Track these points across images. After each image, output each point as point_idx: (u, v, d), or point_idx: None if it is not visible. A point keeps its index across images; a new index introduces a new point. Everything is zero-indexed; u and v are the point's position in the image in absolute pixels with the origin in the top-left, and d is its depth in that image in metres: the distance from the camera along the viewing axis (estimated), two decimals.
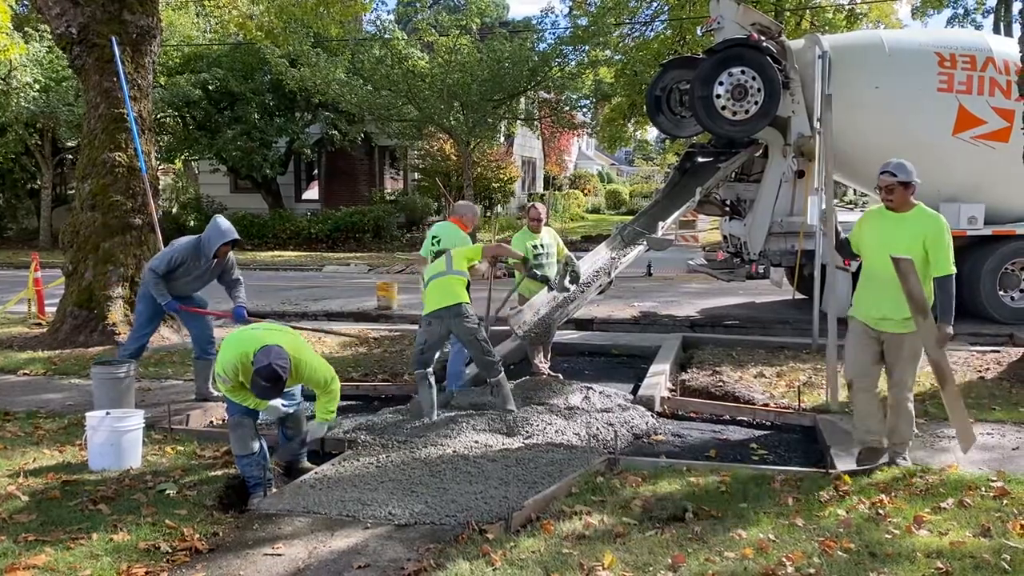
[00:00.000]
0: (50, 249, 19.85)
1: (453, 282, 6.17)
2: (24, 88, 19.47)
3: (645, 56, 21.44)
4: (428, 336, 6.19)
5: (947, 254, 4.82)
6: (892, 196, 4.93)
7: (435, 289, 6.18)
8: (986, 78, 9.37)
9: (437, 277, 6.23)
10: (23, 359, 8.36)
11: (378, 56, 20.25)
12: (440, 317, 6.11)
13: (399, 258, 20.11)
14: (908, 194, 4.92)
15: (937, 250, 4.81)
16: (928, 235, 4.82)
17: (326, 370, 4.99)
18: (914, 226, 4.87)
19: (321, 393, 5.00)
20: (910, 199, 4.94)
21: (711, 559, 3.71)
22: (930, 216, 4.91)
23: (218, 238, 6.47)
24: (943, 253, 4.81)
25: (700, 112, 9.34)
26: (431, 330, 6.17)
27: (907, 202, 4.94)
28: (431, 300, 6.17)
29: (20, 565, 3.68)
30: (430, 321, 6.17)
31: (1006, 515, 4.14)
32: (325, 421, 5.09)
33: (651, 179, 47.77)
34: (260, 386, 4.51)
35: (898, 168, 4.92)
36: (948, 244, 4.82)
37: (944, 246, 4.82)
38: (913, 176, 4.90)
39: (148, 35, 9.60)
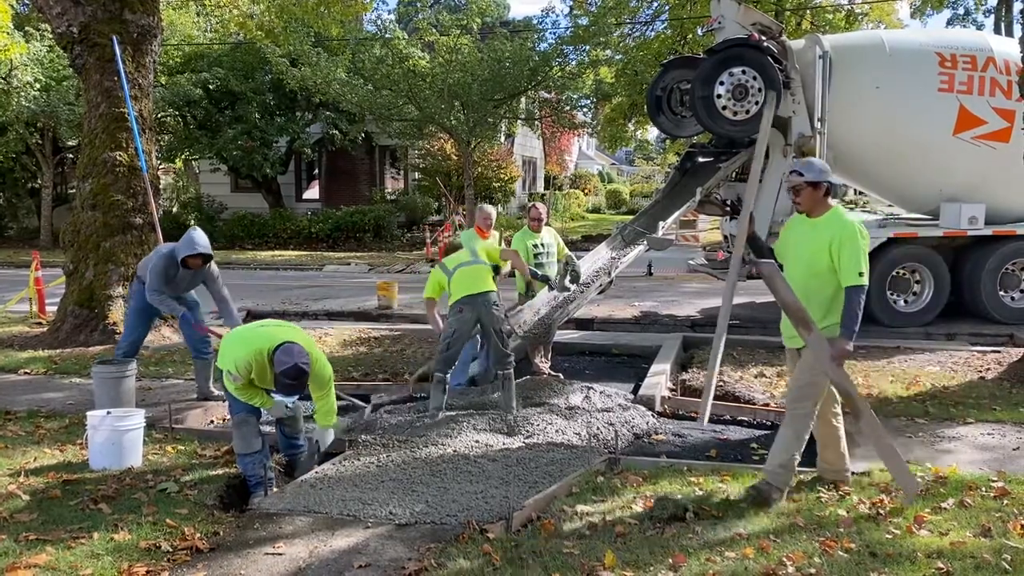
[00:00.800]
0: (51, 248, 19.85)
1: (483, 270, 6.24)
2: (25, 87, 19.47)
3: (646, 56, 21.44)
4: (458, 325, 6.18)
5: (855, 262, 4.36)
6: (799, 198, 4.54)
7: (464, 276, 6.22)
8: (987, 78, 9.37)
9: (464, 265, 6.28)
10: (24, 358, 8.36)
11: (379, 56, 20.24)
12: (471, 303, 6.14)
13: (399, 258, 20.11)
14: (819, 195, 4.50)
15: (842, 257, 4.36)
16: (834, 241, 4.39)
17: (329, 369, 5.02)
18: (823, 231, 4.45)
19: (321, 394, 4.98)
20: (824, 202, 4.53)
21: (712, 559, 3.71)
22: (840, 221, 4.47)
23: (184, 250, 6.34)
24: (850, 260, 4.35)
25: (701, 112, 9.33)
26: (461, 317, 6.17)
27: (818, 205, 4.53)
28: (461, 286, 6.18)
29: (21, 564, 3.68)
30: (460, 308, 6.18)
31: (1007, 515, 4.14)
32: (330, 427, 5.08)
33: (651, 179, 47.76)
34: (285, 384, 4.56)
35: (805, 167, 4.53)
36: (857, 251, 4.37)
37: (851, 253, 4.36)
38: (824, 176, 4.49)
39: (149, 34, 9.60)
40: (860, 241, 4.39)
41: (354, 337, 9.45)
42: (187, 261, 6.39)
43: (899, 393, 6.76)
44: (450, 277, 6.30)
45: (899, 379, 7.25)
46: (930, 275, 9.64)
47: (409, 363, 8.05)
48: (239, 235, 22.84)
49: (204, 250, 6.41)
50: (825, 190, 4.50)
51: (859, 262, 4.36)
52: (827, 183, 4.49)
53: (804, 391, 4.48)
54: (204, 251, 6.40)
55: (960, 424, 5.91)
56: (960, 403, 6.40)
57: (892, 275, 9.60)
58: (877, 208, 15.38)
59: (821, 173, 4.49)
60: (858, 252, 4.37)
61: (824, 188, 4.49)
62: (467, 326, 6.20)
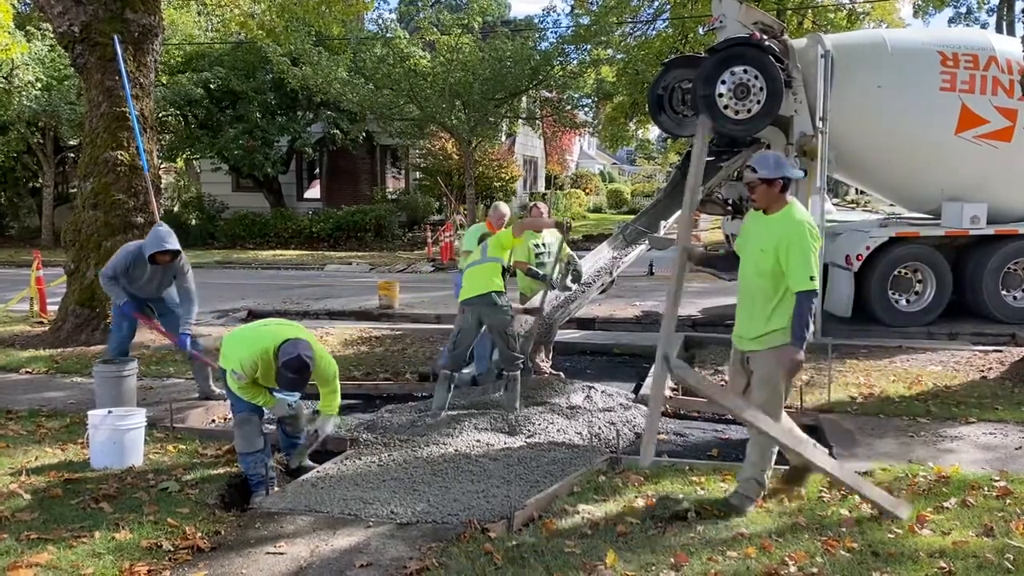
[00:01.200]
0: (52, 248, 19.85)
1: (488, 269, 6.25)
2: (26, 87, 19.48)
3: (647, 55, 21.42)
4: (463, 325, 6.27)
5: (802, 265, 4.05)
6: (754, 195, 4.26)
7: (469, 277, 6.29)
8: (989, 77, 9.35)
9: (472, 266, 6.35)
10: (25, 357, 8.36)
11: (380, 55, 20.25)
12: (472, 305, 6.18)
13: (401, 257, 20.10)
14: (774, 192, 4.20)
15: (790, 260, 4.06)
16: (782, 241, 4.10)
17: (334, 365, 5.03)
18: (774, 229, 4.17)
19: (327, 389, 5.00)
20: (780, 198, 4.23)
21: (714, 558, 3.70)
22: (792, 220, 4.17)
23: (152, 246, 6.32)
24: (796, 263, 4.05)
25: (702, 111, 9.32)
26: (464, 318, 6.25)
27: (774, 202, 4.23)
28: (466, 288, 6.26)
29: (22, 563, 3.68)
30: (463, 309, 6.26)
31: (1009, 515, 4.13)
32: (331, 415, 5.08)
33: (653, 178, 47.74)
34: (287, 378, 4.54)
35: (760, 162, 4.24)
36: (805, 253, 4.05)
37: (798, 254, 4.05)
38: (780, 171, 4.20)
39: (150, 34, 9.60)
40: (809, 242, 4.08)
41: (355, 336, 9.45)
42: (156, 257, 6.35)
43: (901, 392, 6.75)
44: (460, 275, 6.39)
45: (901, 378, 7.24)
46: (932, 274, 9.63)
47: (410, 362, 8.05)
48: (240, 234, 22.85)
49: (172, 246, 6.38)
50: (781, 186, 4.21)
51: (808, 265, 4.06)
52: (783, 178, 4.20)
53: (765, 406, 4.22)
54: (172, 247, 6.38)
55: (962, 424, 5.91)
56: (962, 402, 6.39)
57: (894, 274, 9.59)
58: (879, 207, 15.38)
59: (776, 168, 4.20)
60: (807, 254, 4.06)
61: (779, 184, 4.20)
62: (470, 327, 6.26)
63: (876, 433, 5.71)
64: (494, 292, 6.17)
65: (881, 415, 6.13)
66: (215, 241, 22.96)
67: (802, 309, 4.08)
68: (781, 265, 4.11)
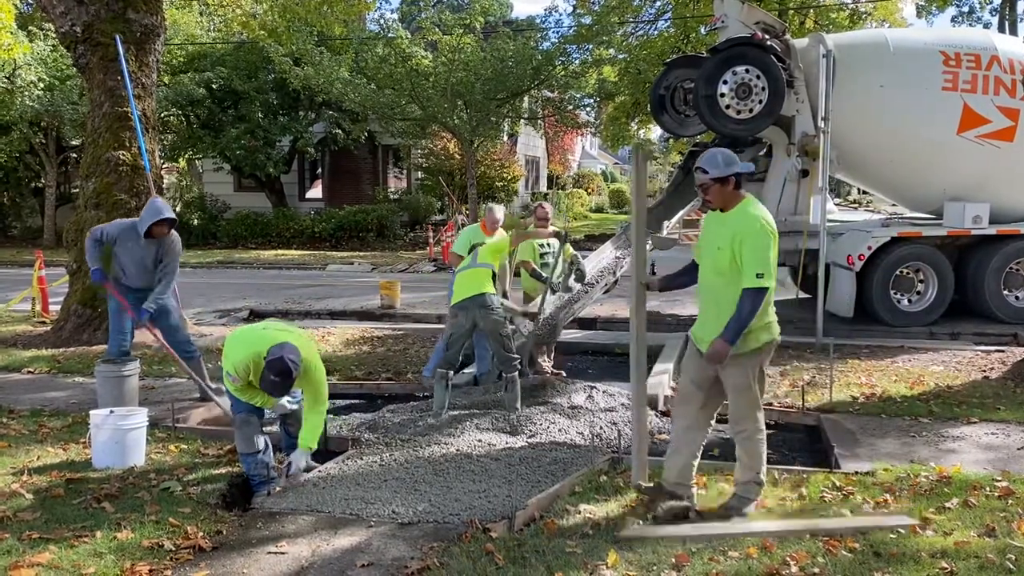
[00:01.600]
0: (54, 247, 19.86)
1: (479, 273, 6.29)
2: (28, 87, 19.50)
3: (649, 55, 21.42)
4: (454, 328, 6.26)
5: (752, 261, 3.96)
6: (708, 195, 4.18)
7: (461, 280, 6.33)
8: (991, 77, 9.34)
9: (464, 269, 6.39)
10: (27, 357, 8.38)
11: (382, 55, 20.25)
12: (465, 308, 6.18)
13: (402, 257, 20.11)
14: (727, 190, 4.12)
15: (743, 255, 3.98)
16: (736, 237, 4.02)
17: (325, 382, 4.90)
18: (729, 226, 4.09)
19: (313, 409, 4.82)
20: (735, 195, 4.15)
21: (715, 558, 3.70)
22: (747, 216, 4.08)
23: (150, 216, 6.29)
24: (747, 259, 3.97)
25: (704, 111, 9.33)
26: (456, 321, 6.25)
27: (730, 200, 4.15)
28: (458, 291, 6.28)
29: (24, 563, 3.69)
30: (456, 312, 6.26)
31: (1011, 515, 4.13)
32: (309, 450, 4.81)
33: (655, 178, 47.70)
34: (269, 381, 4.47)
35: (709, 162, 4.13)
36: (756, 249, 3.97)
37: (750, 251, 3.97)
38: (730, 168, 4.10)
39: (152, 34, 9.61)
40: (762, 239, 3.98)
41: (357, 336, 9.46)
42: (152, 230, 6.32)
43: (903, 392, 6.75)
44: (453, 277, 6.38)
45: (903, 378, 7.23)
46: (934, 274, 9.62)
47: (412, 362, 8.06)
48: (242, 234, 22.86)
49: (168, 215, 6.36)
50: (734, 183, 4.12)
51: (758, 262, 3.95)
52: (735, 175, 4.11)
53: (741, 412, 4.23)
54: (169, 215, 6.36)
55: (964, 424, 5.90)
56: (964, 403, 6.39)
57: (896, 274, 9.58)
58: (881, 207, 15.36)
59: (727, 167, 4.09)
60: (758, 250, 3.96)
61: (732, 182, 4.10)
62: (462, 329, 6.25)
63: (878, 433, 5.71)
64: (488, 294, 6.17)
65: (883, 415, 6.13)
66: (217, 241, 22.98)
67: (743, 305, 3.97)
68: (738, 263, 4.03)
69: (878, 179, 10.73)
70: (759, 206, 4.18)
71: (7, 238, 24.58)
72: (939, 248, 9.70)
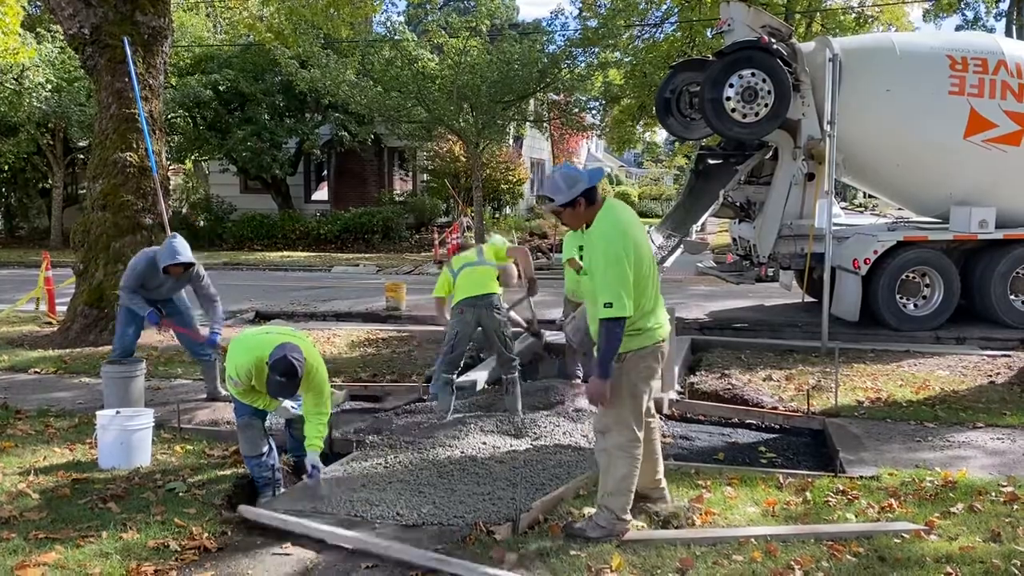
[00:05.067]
0: (61, 248, 19.95)
1: (486, 272, 6.21)
2: (36, 88, 19.58)
3: (655, 58, 21.42)
4: (460, 327, 6.15)
5: (601, 290, 3.71)
6: (564, 220, 4.00)
7: (467, 278, 6.21)
8: (998, 81, 9.33)
9: (468, 266, 6.26)
10: (34, 357, 8.41)
11: (388, 58, 20.28)
12: (473, 305, 6.11)
13: (408, 259, 20.13)
14: (579, 211, 3.87)
15: (594, 280, 3.79)
16: (587, 248, 3.83)
17: (328, 384, 4.89)
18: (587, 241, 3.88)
19: (316, 412, 4.80)
20: (589, 212, 3.88)
21: (719, 562, 3.70)
22: (595, 228, 3.85)
23: (166, 258, 6.36)
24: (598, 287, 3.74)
25: (710, 114, 9.33)
26: (462, 319, 6.14)
27: (588, 216, 3.89)
28: (463, 288, 6.17)
29: (30, 562, 3.70)
30: (462, 309, 6.15)
31: (1016, 520, 4.12)
32: (318, 448, 4.77)
33: (660, 181, 47.73)
34: (275, 382, 4.44)
35: (553, 190, 3.87)
36: (602, 270, 3.72)
37: (595, 270, 3.76)
38: (575, 190, 3.83)
39: (160, 36, 9.65)
40: (604, 260, 3.71)
41: (362, 338, 9.47)
42: (169, 269, 6.39)
43: (908, 397, 6.74)
44: (455, 277, 6.29)
45: (908, 383, 7.22)
46: (940, 279, 9.60)
47: (417, 365, 8.06)
48: (248, 236, 22.92)
49: (184, 259, 6.39)
50: (584, 202, 3.86)
51: (604, 288, 3.69)
52: (583, 195, 3.85)
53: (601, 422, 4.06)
54: (185, 260, 6.39)
55: (970, 429, 5.89)
56: (970, 407, 6.38)
57: (902, 279, 9.56)
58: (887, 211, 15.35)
59: (570, 190, 3.83)
60: (605, 275, 3.70)
61: (581, 202, 3.85)
62: (468, 328, 6.17)
63: (883, 438, 5.70)
64: (494, 294, 6.15)
65: (888, 420, 6.12)
66: (223, 242, 23.03)
67: (600, 338, 3.78)
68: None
69: (884, 183, 10.72)
70: (609, 217, 3.88)
71: (14, 239, 24.68)
72: (945, 252, 9.68)
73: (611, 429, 3.98)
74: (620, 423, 3.97)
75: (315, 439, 4.77)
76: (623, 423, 3.96)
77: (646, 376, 4.01)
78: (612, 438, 3.98)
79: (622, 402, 3.94)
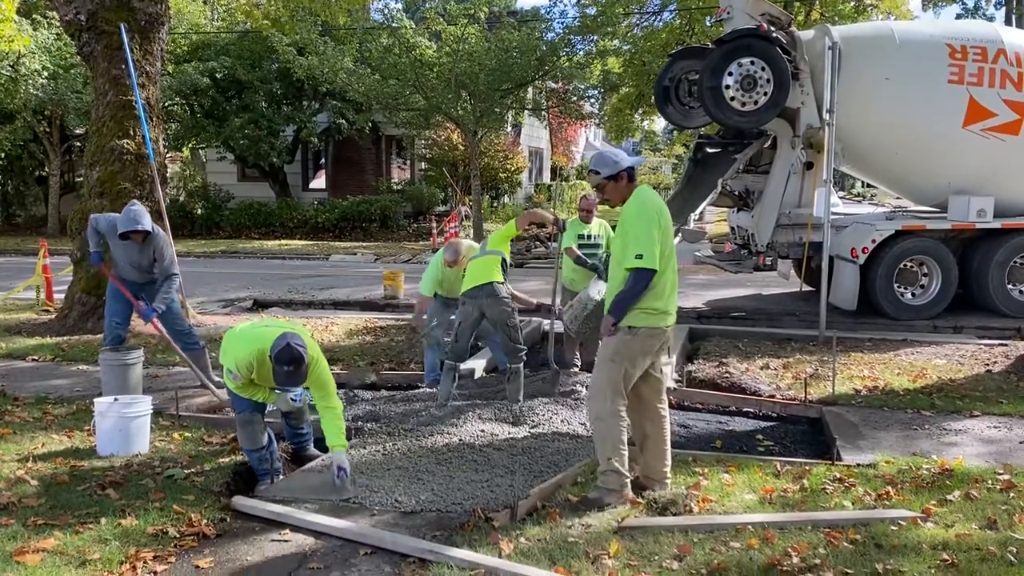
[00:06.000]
0: (58, 236, 19.90)
1: (488, 262, 6.25)
2: (32, 75, 19.49)
3: (654, 46, 21.33)
4: (462, 318, 6.21)
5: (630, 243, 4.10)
6: (606, 194, 4.34)
7: (472, 269, 6.28)
8: (997, 70, 9.31)
9: (475, 258, 6.35)
10: (32, 345, 8.40)
11: (386, 45, 20.19)
12: (474, 296, 6.14)
13: (405, 248, 20.12)
14: (622, 185, 4.27)
15: (622, 235, 4.20)
16: (621, 219, 4.26)
17: (331, 374, 4.79)
18: (623, 215, 4.28)
19: (326, 404, 4.65)
20: (630, 187, 4.29)
21: (717, 549, 3.71)
22: (629, 204, 4.26)
23: (124, 224, 6.42)
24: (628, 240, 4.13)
25: (709, 103, 9.32)
26: (465, 310, 6.20)
27: (626, 193, 4.29)
28: (466, 280, 6.24)
29: (29, 548, 3.71)
30: (464, 301, 6.22)
31: (1013, 508, 4.14)
32: (342, 447, 4.57)
33: (659, 170, 47.63)
34: (283, 372, 4.37)
35: (599, 163, 4.27)
36: (631, 232, 4.12)
37: (627, 231, 4.15)
38: (619, 166, 4.24)
39: (156, 22, 9.59)
40: (638, 222, 4.11)
41: (360, 326, 9.47)
42: (128, 235, 6.45)
43: (906, 386, 6.75)
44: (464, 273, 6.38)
45: (906, 371, 7.24)
46: (938, 268, 9.61)
47: (415, 353, 8.06)
48: (246, 224, 22.88)
49: (139, 227, 6.42)
50: (627, 178, 4.27)
51: (636, 243, 4.07)
52: (625, 171, 4.25)
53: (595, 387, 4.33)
54: (141, 227, 6.43)
55: (966, 417, 5.91)
56: (967, 396, 6.40)
57: (899, 268, 9.57)
58: (885, 200, 15.35)
59: (615, 164, 4.23)
60: (634, 234, 4.10)
61: (624, 177, 4.25)
62: (471, 319, 6.19)
63: (880, 426, 5.71)
64: (496, 283, 6.15)
65: (885, 408, 6.14)
66: (220, 231, 22.99)
67: (627, 283, 4.13)
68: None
69: (883, 172, 10.71)
70: (645, 194, 4.29)
71: (11, 226, 24.63)
72: (943, 242, 9.69)
73: (599, 394, 4.28)
74: (611, 389, 4.23)
75: (336, 438, 4.57)
76: (615, 391, 4.22)
77: (643, 352, 4.26)
78: (597, 403, 4.28)
79: (606, 367, 4.23)
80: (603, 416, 4.24)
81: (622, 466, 4.23)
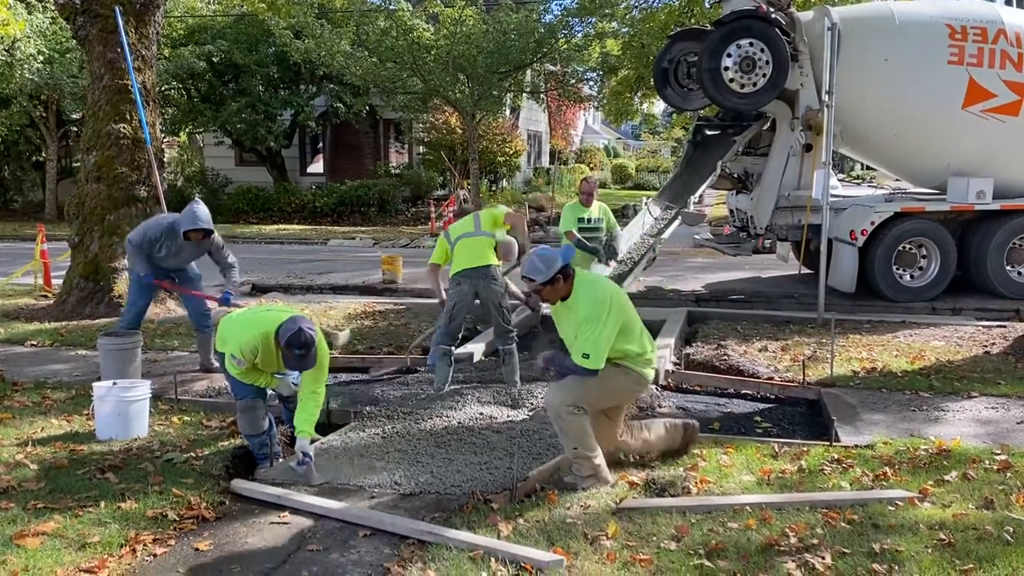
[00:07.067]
0: (56, 221, 19.86)
1: (483, 243, 6.16)
2: (28, 60, 19.36)
3: (652, 28, 21.17)
4: (458, 299, 6.11)
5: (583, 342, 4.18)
6: (544, 296, 4.40)
7: (464, 248, 6.15)
8: (997, 51, 9.27)
9: (465, 236, 6.19)
10: (30, 330, 8.40)
11: (383, 27, 20.06)
12: (469, 277, 6.07)
13: (404, 232, 20.09)
14: (559, 286, 4.29)
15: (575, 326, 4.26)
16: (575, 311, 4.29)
17: (327, 363, 4.78)
18: (575, 312, 4.29)
19: (313, 388, 4.67)
20: (567, 286, 4.31)
21: (714, 529, 3.73)
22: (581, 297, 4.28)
23: (187, 224, 6.44)
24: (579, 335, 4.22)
25: (708, 84, 9.28)
26: (460, 291, 6.10)
27: (566, 291, 4.33)
28: (460, 259, 6.12)
29: (29, 532, 3.72)
30: (459, 281, 6.11)
31: (1009, 488, 4.15)
32: (309, 435, 4.57)
33: (658, 153, 47.54)
34: (295, 356, 4.38)
35: (532, 271, 4.28)
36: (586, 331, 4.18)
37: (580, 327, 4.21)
38: (553, 268, 4.22)
39: (152, 5, 9.53)
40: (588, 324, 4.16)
41: (359, 311, 9.47)
42: (188, 234, 6.45)
43: (904, 367, 6.76)
44: (452, 247, 6.25)
45: (904, 353, 7.24)
46: (936, 250, 9.60)
47: (414, 337, 8.06)
48: (243, 209, 22.81)
49: (205, 225, 6.49)
50: (563, 276, 4.28)
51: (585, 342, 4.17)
52: (560, 272, 4.25)
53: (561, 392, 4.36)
54: (205, 226, 6.49)
55: (964, 398, 5.92)
56: (965, 377, 6.40)
57: (898, 249, 9.56)
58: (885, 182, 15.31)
59: (548, 269, 4.23)
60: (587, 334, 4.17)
61: (559, 279, 4.27)
62: (466, 299, 6.14)
63: (878, 407, 5.73)
64: (492, 265, 6.12)
65: (883, 389, 6.15)
66: (218, 215, 22.67)
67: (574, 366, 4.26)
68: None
69: (882, 154, 10.68)
70: (591, 289, 4.32)
71: (8, 212, 24.55)
72: (942, 223, 9.68)
73: (554, 391, 4.34)
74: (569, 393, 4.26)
75: (305, 425, 4.57)
76: (570, 395, 4.25)
77: (622, 390, 4.44)
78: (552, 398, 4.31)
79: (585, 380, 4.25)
80: (561, 415, 4.24)
81: (589, 451, 4.25)
